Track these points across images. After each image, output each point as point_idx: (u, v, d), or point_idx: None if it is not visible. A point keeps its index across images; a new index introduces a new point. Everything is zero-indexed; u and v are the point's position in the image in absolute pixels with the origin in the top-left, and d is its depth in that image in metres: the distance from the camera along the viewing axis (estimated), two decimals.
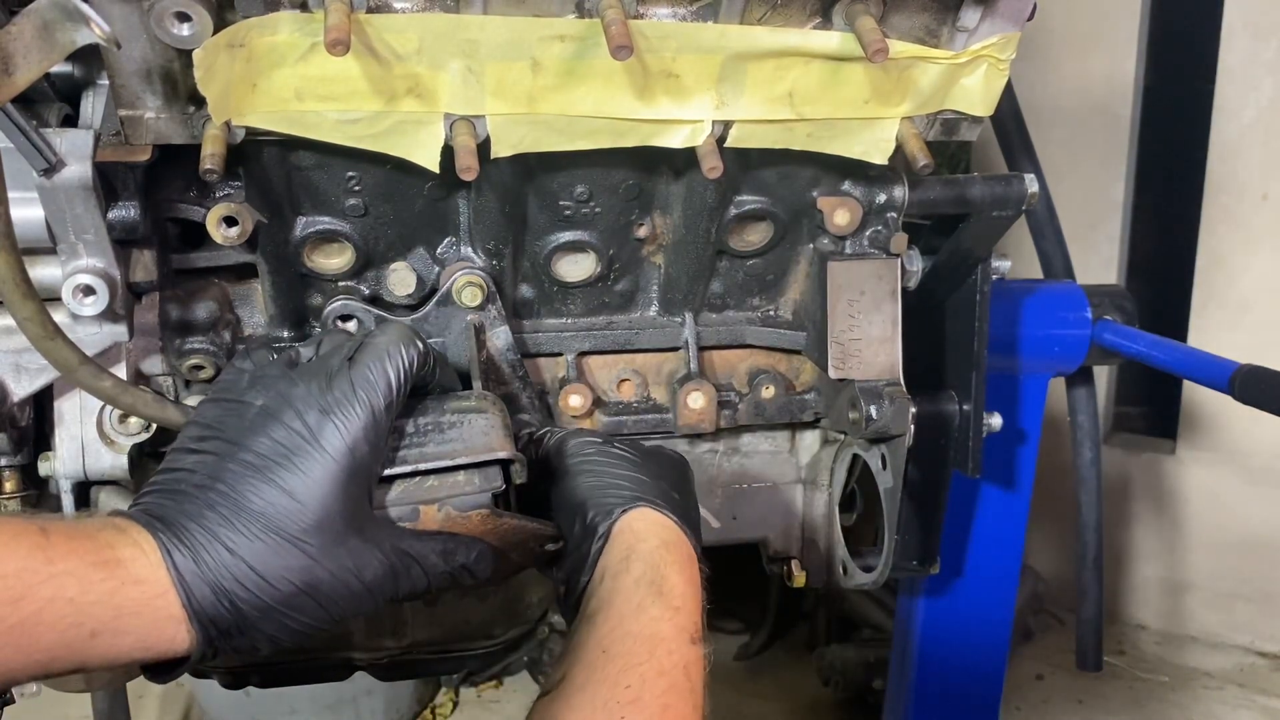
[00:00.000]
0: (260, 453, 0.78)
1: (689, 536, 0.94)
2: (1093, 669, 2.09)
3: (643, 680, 0.79)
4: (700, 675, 0.83)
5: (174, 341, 1.11)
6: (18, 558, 0.69)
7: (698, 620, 0.87)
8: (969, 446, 1.36)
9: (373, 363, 0.83)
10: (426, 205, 1.11)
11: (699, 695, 0.82)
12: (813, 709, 2.84)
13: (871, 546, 1.35)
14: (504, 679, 3.00)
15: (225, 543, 0.75)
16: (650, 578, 0.87)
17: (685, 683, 0.81)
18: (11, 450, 1.10)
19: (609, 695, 0.78)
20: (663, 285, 1.25)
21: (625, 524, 0.92)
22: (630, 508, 0.92)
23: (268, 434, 0.79)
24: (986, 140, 2.00)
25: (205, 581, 0.74)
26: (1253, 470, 3.02)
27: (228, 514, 0.76)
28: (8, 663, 0.68)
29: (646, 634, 0.83)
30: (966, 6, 0.99)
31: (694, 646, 0.84)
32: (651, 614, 0.84)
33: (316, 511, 0.77)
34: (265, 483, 0.77)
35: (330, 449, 0.79)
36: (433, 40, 0.91)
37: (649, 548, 0.90)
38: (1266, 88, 2.83)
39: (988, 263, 1.32)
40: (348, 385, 0.81)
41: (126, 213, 1.00)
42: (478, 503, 0.90)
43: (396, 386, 0.84)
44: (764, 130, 1.02)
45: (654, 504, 0.93)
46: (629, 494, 0.94)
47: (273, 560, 0.76)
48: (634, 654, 0.81)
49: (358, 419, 0.80)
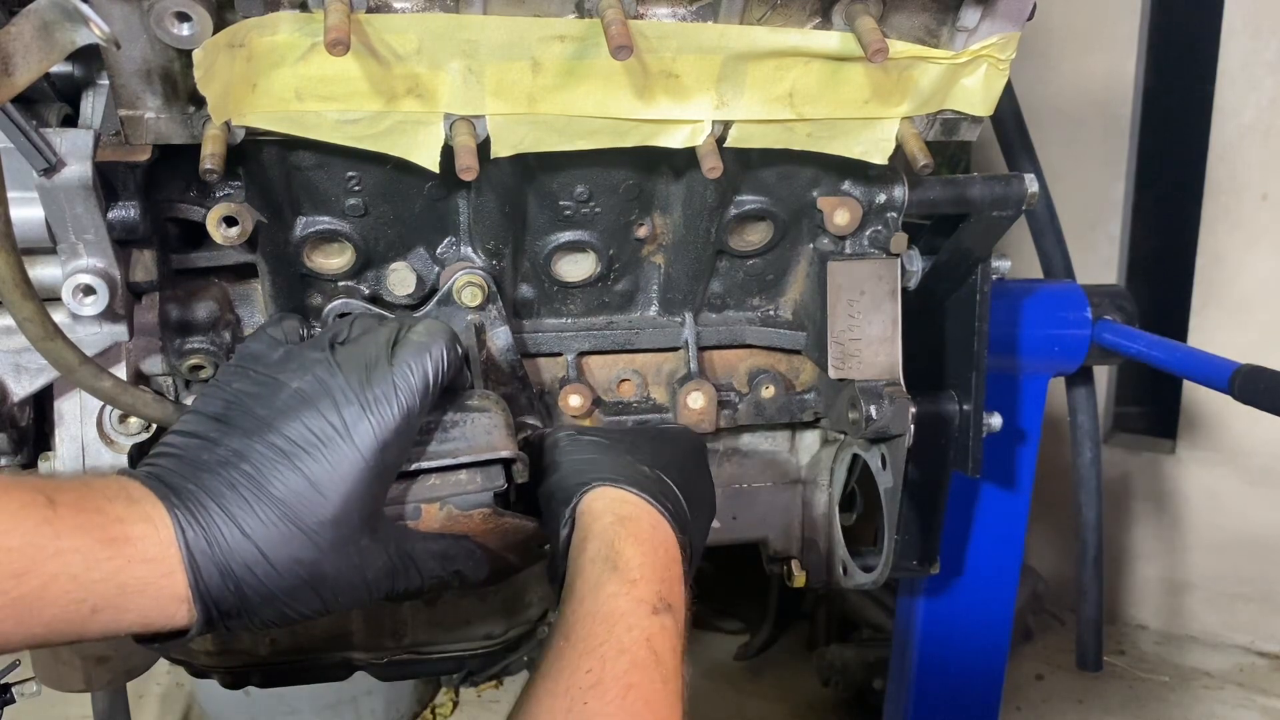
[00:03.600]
0: (292, 439, 0.77)
1: (654, 505, 0.92)
2: (1093, 669, 2.09)
3: (603, 661, 0.77)
4: (668, 643, 0.81)
5: (174, 341, 1.11)
6: (23, 531, 0.67)
7: (659, 589, 0.84)
8: (969, 446, 1.36)
9: (414, 361, 0.82)
10: (426, 205, 1.11)
11: (668, 665, 0.79)
12: (813, 709, 2.84)
13: (871, 546, 1.35)
14: (504, 679, 3.00)
15: (241, 525, 0.74)
16: (605, 554, 0.86)
17: (648, 656, 0.79)
18: (11, 450, 1.10)
19: (570, 681, 0.76)
20: (663, 285, 1.25)
21: (585, 506, 0.91)
22: (588, 489, 0.92)
23: (302, 420, 0.78)
24: (986, 140, 2.00)
25: (214, 563, 0.73)
26: (1253, 470, 3.02)
27: (248, 496, 0.75)
28: (6, 635, 0.67)
29: (603, 612, 0.81)
30: (966, 6, 0.99)
31: (655, 616, 0.82)
32: (608, 590, 0.82)
33: (337, 506, 0.77)
34: (292, 470, 0.76)
35: (363, 446, 0.78)
36: (433, 40, 0.91)
37: (603, 525, 0.89)
38: (1266, 88, 2.83)
39: (988, 263, 1.32)
40: (389, 384, 0.80)
41: (126, 213, 1.00)
42: (480, 501, 0.90)
43: (433, 389, 0.83)
44: (764, 130, 1.03)
45: (612, 482, 0.92)
46: (589, 476, 0.94)
47: (284, 549, 0.75)
48: (593, 635, 0.79)
49: (393, 419, 0.79)
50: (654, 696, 0.77)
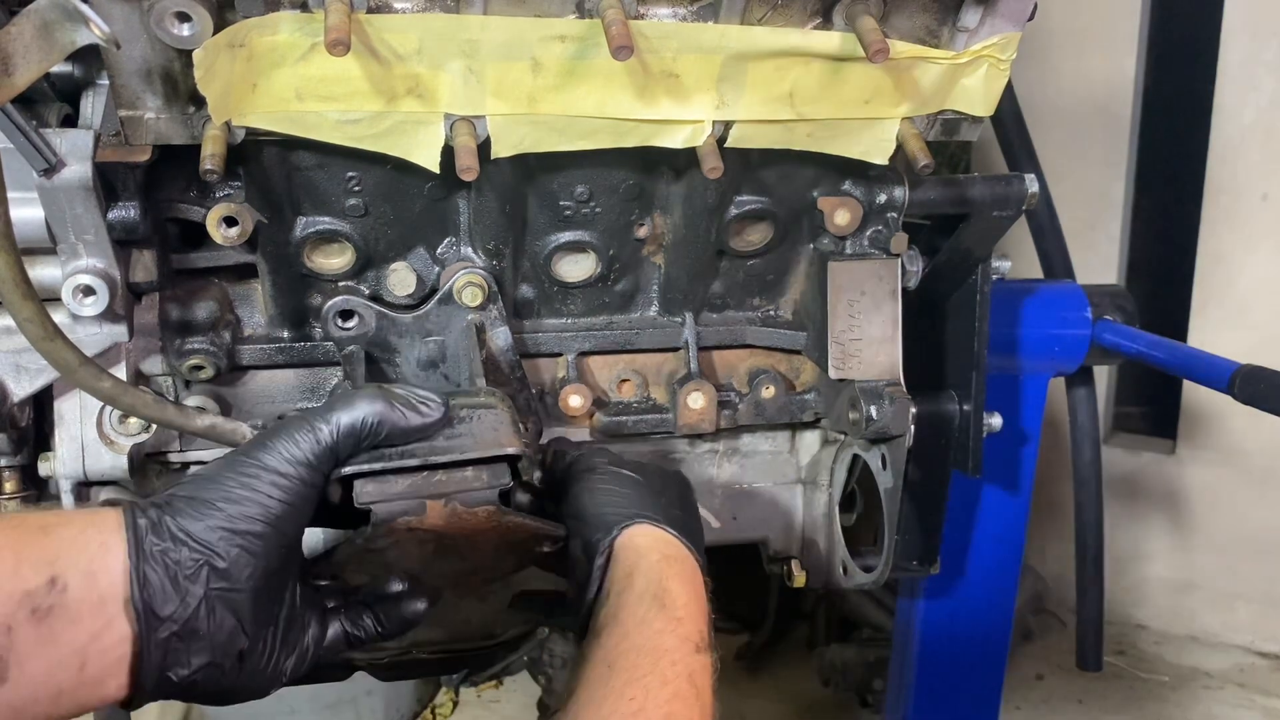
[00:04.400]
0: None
1: (691, 551, 0.95)
2: (1093, 669, 2.09)
3: (646, 691, 0.80)
4: (707, 681, 0.84)
5: (174, 341, 1.11)
6: None
7: (703, 629, 0.87)
8: (969, 446, 1.36)
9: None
10: (426, 205, 1.11)
11: (706, 701, 0.82)
12: (812, 709, 2.84)
13: (871, 546, 1.35)
14: (504, 679, 3.00)
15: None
16: (654, 591, 0.88)
17: (690, 690, 0.82)
18: (11, 450, 1.10)
19: (613, 708, 0.79)
20: (663, 285, 1.25)
21: (627, 540, 0.93)
22: (630, 524, 0.94)
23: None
24: (986, 140, 2.00)
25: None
26: (1253, 470, 3.02)
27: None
28: None
29: (650, 646, 0.84)
30: (967, 7, 0.99)
31: (699, 655, 0.85)
32: (655, 627, 0.85)
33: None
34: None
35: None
36: (433, 40, 0.91)
37: (650, 562, 0.91)
38: (1266, 88, 2.83)
39: (988, 263, 1.32)
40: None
41: (126, 213, 1.00)
42: (485, 499, 0.90)
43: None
44: (764, 130, 1.02)
45: (654, 520, 0.95)
46: (630, 511, 0.95)
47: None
48: (638, 666, 0.82)
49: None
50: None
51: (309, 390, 1.21)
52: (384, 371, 1.17)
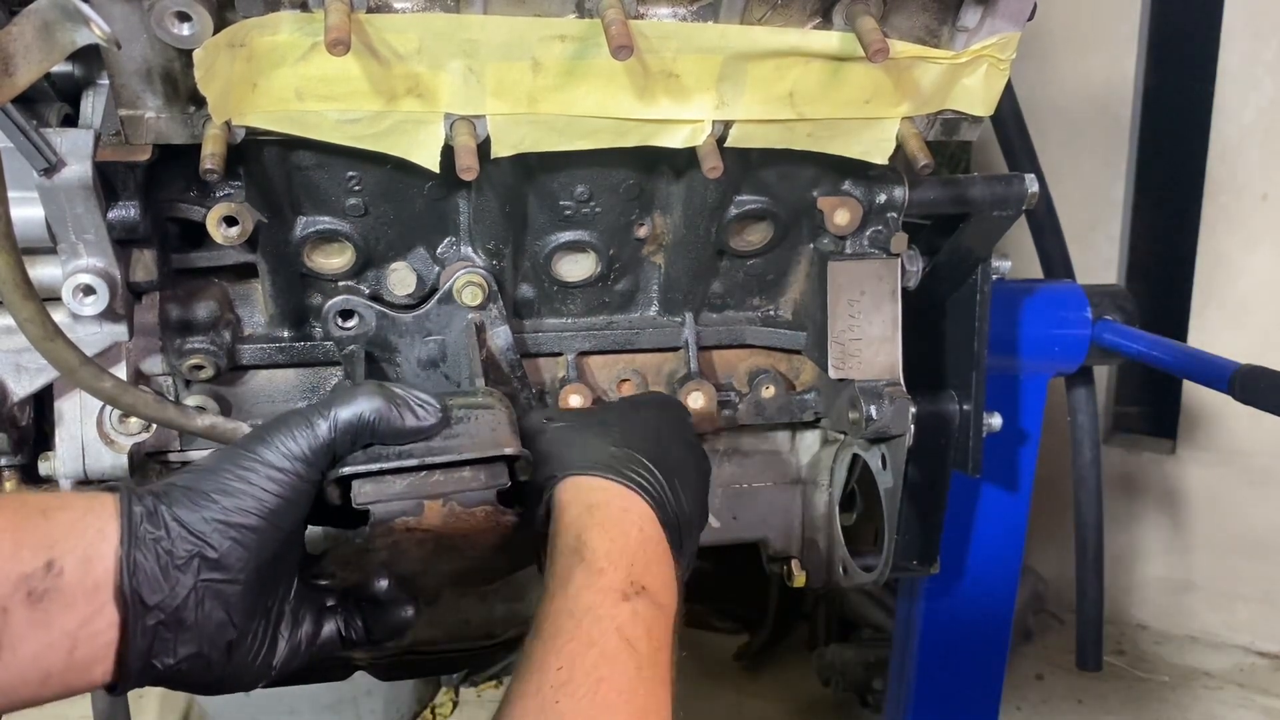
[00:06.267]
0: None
1: (627, 486, 0.91)
2: (1093, 669, 2.09)
3: (571, 657, 0.76)
4: (642, 629, 0.80)
5: (174, 341, 1.11)
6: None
7: (629, 574, 0.83)
8: (969, 446, 1.36)
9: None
10: (426, 205, 1.11)
11: (643, 651, 0.78)
12: (813, 709, 2.84)
13: (871, 546, 1.35)
14: (504, 679, 3.00)
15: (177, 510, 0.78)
16: (572, 546, 0.85)
17: (619, 645, 0.77)
18: (11, 450, 1.10)
19: (541, 680, 0.75)
20: (663, 285, 1.25)
21: (556, 499, 0.91)
22: (556, 482, 0.92)
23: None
24: (986, 140, 2.00)
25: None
26: (1253, 470, 3.02)
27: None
28: None
29: (570, 606, 0.80)
30: (967, 6, 0.99)
31: (625, 603, 0.80)
32: (576, 583, 0.82)
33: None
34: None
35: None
36: (433, 40, 0.91)
37: (570, 516, 0.88)
38: (1266, 88, 2.83)
39: (988, 263, 1.32)
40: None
41: (126, 212, 1.00)
42: (483, 499, 0.90)
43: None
44: (764, 130, 1.02)
45: (579, 471, 0.92)
46: (555, 469, 0.93)
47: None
48: (561, 631, 0.78)
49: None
50: (628, 686, 0.76)
51: (309, 390, 1.21)
52: (384, 371, 1.17)
